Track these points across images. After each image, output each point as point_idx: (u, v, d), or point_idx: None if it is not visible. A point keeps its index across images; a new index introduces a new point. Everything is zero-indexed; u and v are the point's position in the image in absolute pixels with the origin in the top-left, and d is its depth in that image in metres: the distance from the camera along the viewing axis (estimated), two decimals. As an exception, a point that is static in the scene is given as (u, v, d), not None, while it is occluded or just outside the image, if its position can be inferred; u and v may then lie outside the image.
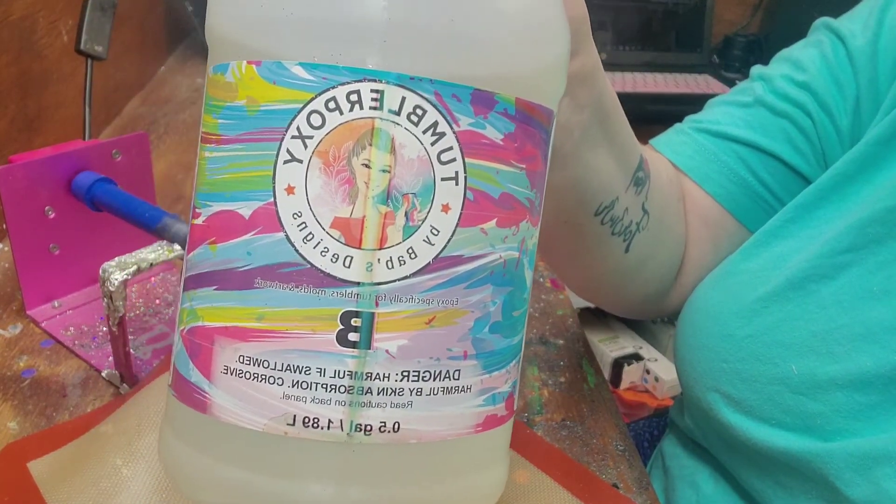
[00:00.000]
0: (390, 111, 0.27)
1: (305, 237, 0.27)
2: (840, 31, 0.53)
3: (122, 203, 0.56)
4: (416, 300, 0.28)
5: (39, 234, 0.59)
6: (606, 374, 1.69)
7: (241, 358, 0.28)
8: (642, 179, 0.51)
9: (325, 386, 0.27)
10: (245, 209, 0.28)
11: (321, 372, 0.27)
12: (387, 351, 0.28)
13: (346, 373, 0.27)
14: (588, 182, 0.46)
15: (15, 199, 0.56)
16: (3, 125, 0.72)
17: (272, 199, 0.28)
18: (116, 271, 0.49)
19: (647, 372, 1.67)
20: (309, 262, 0.27)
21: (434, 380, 0.28)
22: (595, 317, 1.75)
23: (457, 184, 0.28)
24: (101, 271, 0.49)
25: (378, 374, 0.28)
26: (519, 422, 0.54)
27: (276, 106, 0.28)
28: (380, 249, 0.27)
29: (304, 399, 0.27)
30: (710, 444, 0.55)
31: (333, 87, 0.27)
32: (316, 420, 0.27)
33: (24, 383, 0.54)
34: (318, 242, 0.27)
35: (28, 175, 0.56)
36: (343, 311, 0.27)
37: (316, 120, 0.27)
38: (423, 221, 0.28)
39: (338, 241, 0.27)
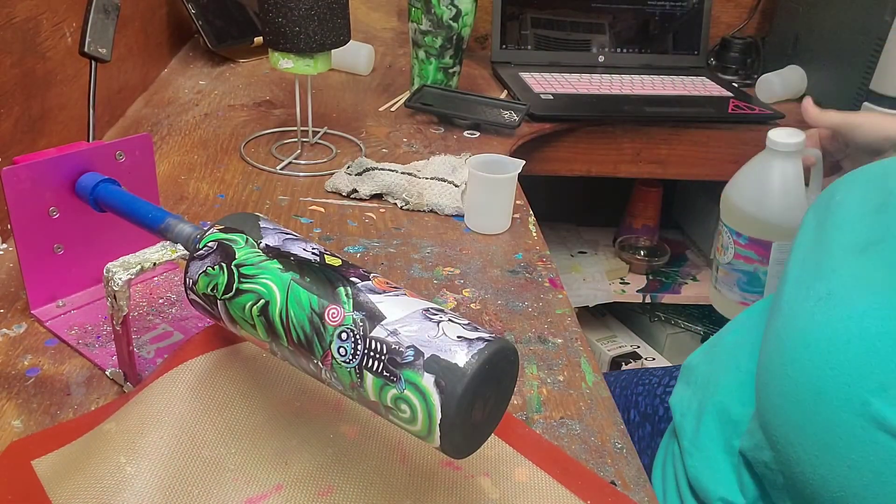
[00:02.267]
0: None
1: None
2: None
3: (126, 203, 0.56)
4: None
5: (44, 235, 0.59)
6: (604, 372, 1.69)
7: None
8: None
9: None
10: None
11: None
12: None
13: None
14: None
15: (19, 199, 0.56)
16: (8, 126, 0.72)
17: None
18: (120, 271, 0.49)
19: (646, 372, 1.68)
20: None
21: None
22: (593, 316, 1.76)
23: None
24: (104, 271, 0.50)
25: None
26: (518, 420, 0.54)
27: None
28: None
29: None
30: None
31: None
32: None
33: (28, 382, 0.55)
34: None
35: (32, 176, 0.57)
36: None
37: None
38: None
39: None
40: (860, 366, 0.44)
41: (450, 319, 0.38)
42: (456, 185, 0.85)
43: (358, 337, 0.39)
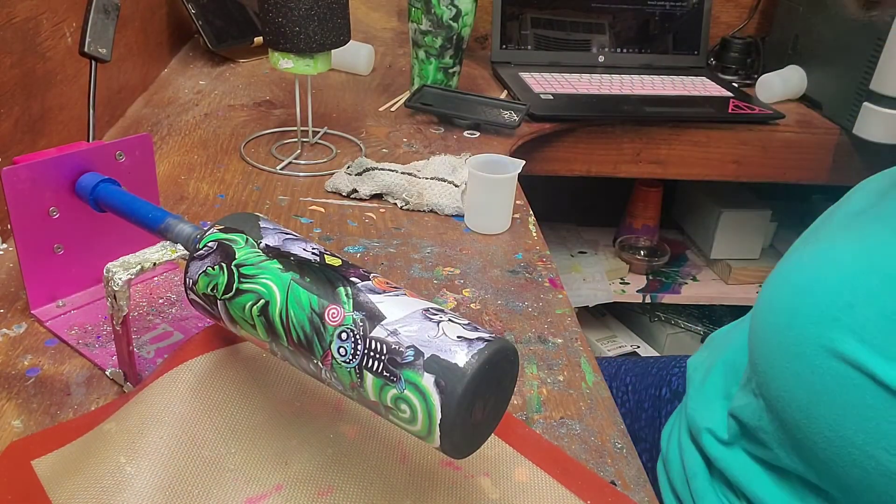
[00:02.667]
0: None
1: None
2: None
3: (126, 203, 0.56)
4: None
5: (44, 235, 0.59)
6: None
7: None
8: None
9: None
10: None
11: None
12: None
13: None
14: None
15: (19, 199, 0.56)
16: (8, 126, 0.72)
17: None
18: (120, 271, 0.49)
19: (646, 372, 1.68)
20: None
21: None
22: (593, 316, 1.76)
23: None
24: (104, 271, 0.50)
25: None
26: (518, 420, 0.54)
27: None
28: None
29: None
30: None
31: None
32: None
33: (28, 382, 0.55)
34: None
35: (32, 176, 0.57)
36: None
37: None
38: None
39: None
40: (831, 290, 0.49)
41: (450, 319, 0.38)
42: (456, 185, 0.85)
43: (358, 337, 0.39)
